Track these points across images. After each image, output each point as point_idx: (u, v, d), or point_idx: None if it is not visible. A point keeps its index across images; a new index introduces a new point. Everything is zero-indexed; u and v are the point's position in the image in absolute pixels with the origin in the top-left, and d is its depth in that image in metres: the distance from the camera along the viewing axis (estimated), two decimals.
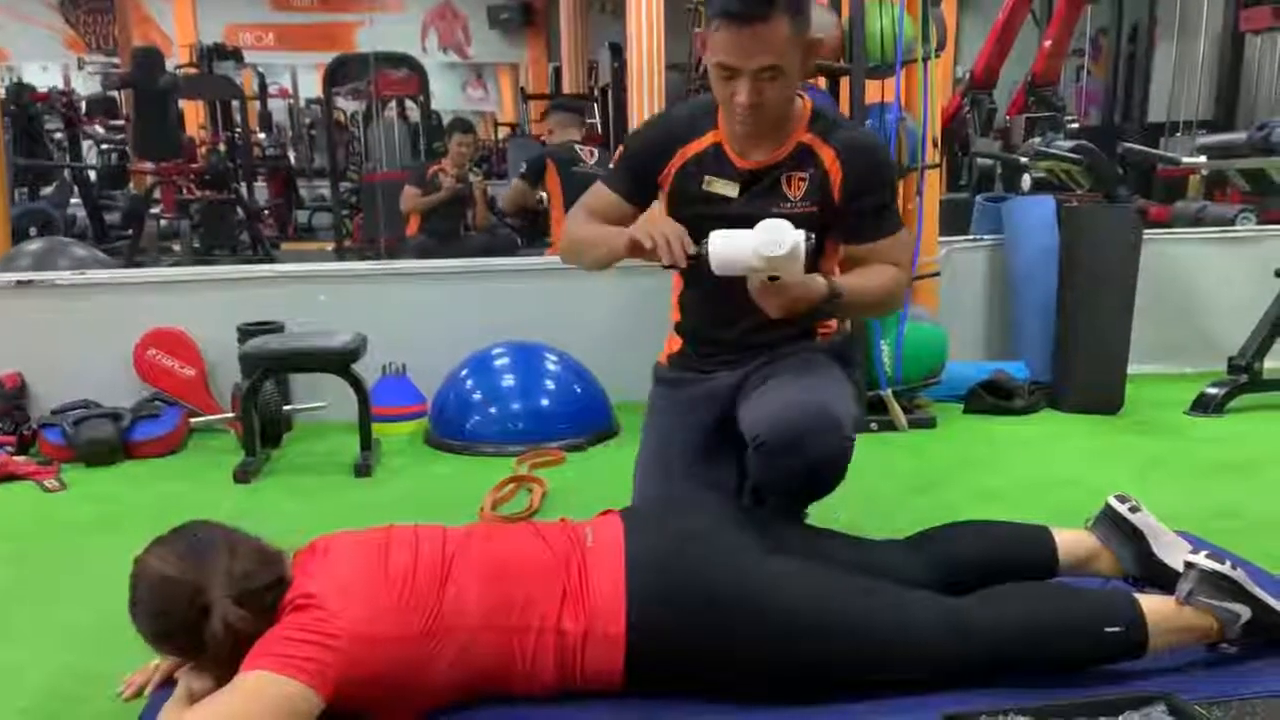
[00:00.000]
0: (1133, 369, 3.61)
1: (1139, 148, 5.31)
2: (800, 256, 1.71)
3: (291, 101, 12.72)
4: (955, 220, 4.64)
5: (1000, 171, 6.41)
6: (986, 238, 4.10)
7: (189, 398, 3.47)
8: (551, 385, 3.42)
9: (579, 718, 1.54)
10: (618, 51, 8.07)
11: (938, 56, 3.43)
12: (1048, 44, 6.86)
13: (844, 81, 3.40)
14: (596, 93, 9.65)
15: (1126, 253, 3.54)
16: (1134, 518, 1.80)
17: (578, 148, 4.86)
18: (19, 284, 3.52)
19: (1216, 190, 6.29)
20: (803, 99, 1.97)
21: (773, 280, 1.74)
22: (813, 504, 2.02)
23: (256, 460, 3.05)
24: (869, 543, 1.85)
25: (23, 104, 7.60)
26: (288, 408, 3.44)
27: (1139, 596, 1.64)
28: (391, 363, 3.55)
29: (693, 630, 1.54)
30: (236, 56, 8.71)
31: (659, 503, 2.02)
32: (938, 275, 3.69)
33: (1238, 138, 5.46)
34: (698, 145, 1.98)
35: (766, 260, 1.70)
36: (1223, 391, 3.52)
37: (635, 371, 2.36)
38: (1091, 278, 3.55)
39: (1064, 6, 6.66)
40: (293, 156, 11.23)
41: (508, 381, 3.41)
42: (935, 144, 3.60)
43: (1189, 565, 1.62)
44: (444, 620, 1.49)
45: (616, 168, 2.10)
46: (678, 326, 2.17)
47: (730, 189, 1.96)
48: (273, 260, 6.60)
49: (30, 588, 2.24)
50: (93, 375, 3.46)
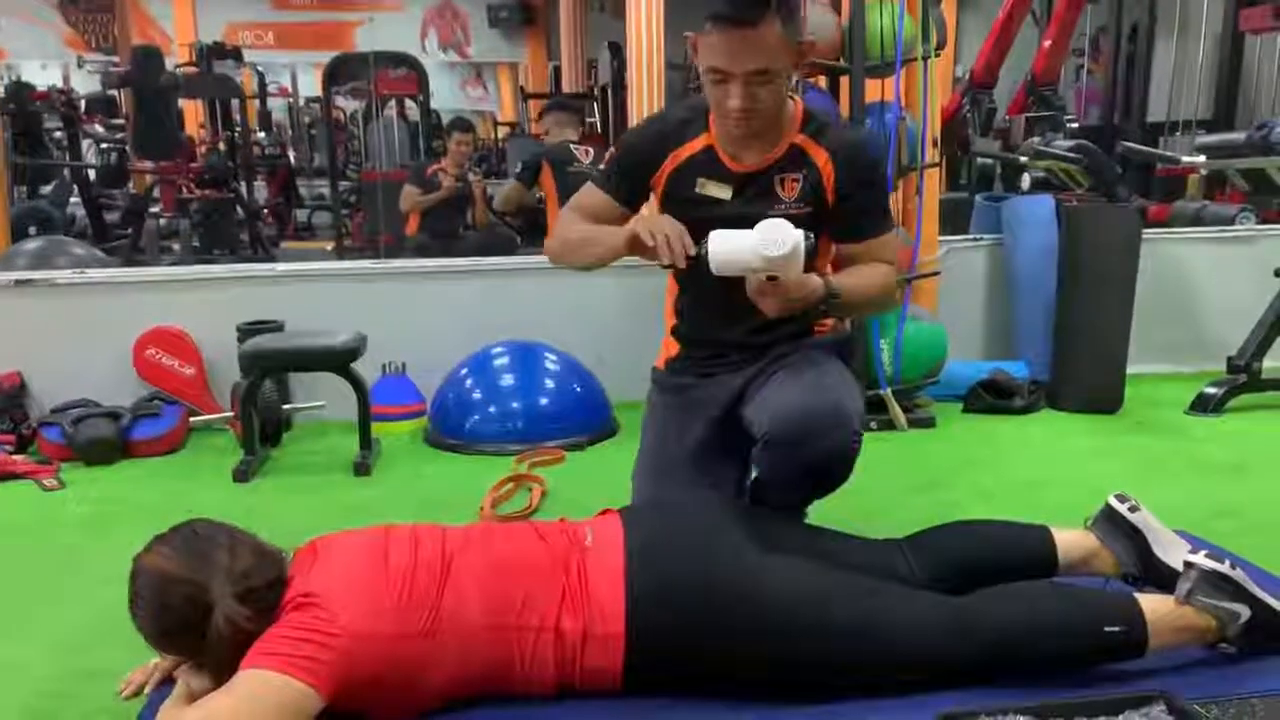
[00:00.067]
0: (1132, 368, 3.61)
1: (1139, 147, 5.32)
2: (800, 256, 1.71)
3: (291, 101, 12.71)
4: (955, 219, 4.65)
5: (1000, 171, 6.42)
6: (986, 237, 4.11)
7: (188, 397, 3.47)
8: (551, 384, 3.43)
9: (578, 718, 1.54)
10: (617, 51, 8.07)
11: (937, 55, 3.43)
12: (1047, 43, 6.86)
13: (844, 81, 3.41)
14: (596, 92, 9.65)
15: (1126, 252, 3.54)
16: (1133, 517, 1.80)
17: (573, 147, 4.87)
18: (18, 283, 3.52)
19: (1216, 190, 6.29)
20: (794, 100, 1.96)
21: (771, 280, 1.74)
22: (812, 504, 2.02)
23: (256, 459, 3.05)
24: (868, 542, 1.85)
25: (22, 102, 7.59)
26: (287, 407, 3.43)
27: (1139, 596, 1.64)
28: (391, 362, 3.55)
29: (692, 630, 1.54)
30: (236, 55, 8.67)
31: (658, 502, 2.01)
32: (937, 274, 3.69)
33: (1237, 137, 5.47)
34: (690, 148, 1.98)
35: (766, 260, 1.70)
36: (1222, 391, 3.52)
37: (635, 371, 2.36)
38: (1091, 277, 3.55)
39: (1064, 6, 6.65)
40: (292, 156, 11.22)
41: (507, 381, 3.41)
42: (935, 143, 3.60)
43: (1188, 565, 1.63)
44: (443, 620, 1.48)
45: (608, 170, 2.09)
46: (674, 331, 2.16)
47: (723, 191, 1.95)
48: (272, 259, 6.60)
49: (29, 586, 2.24)
50: (92, 374, 3.46)
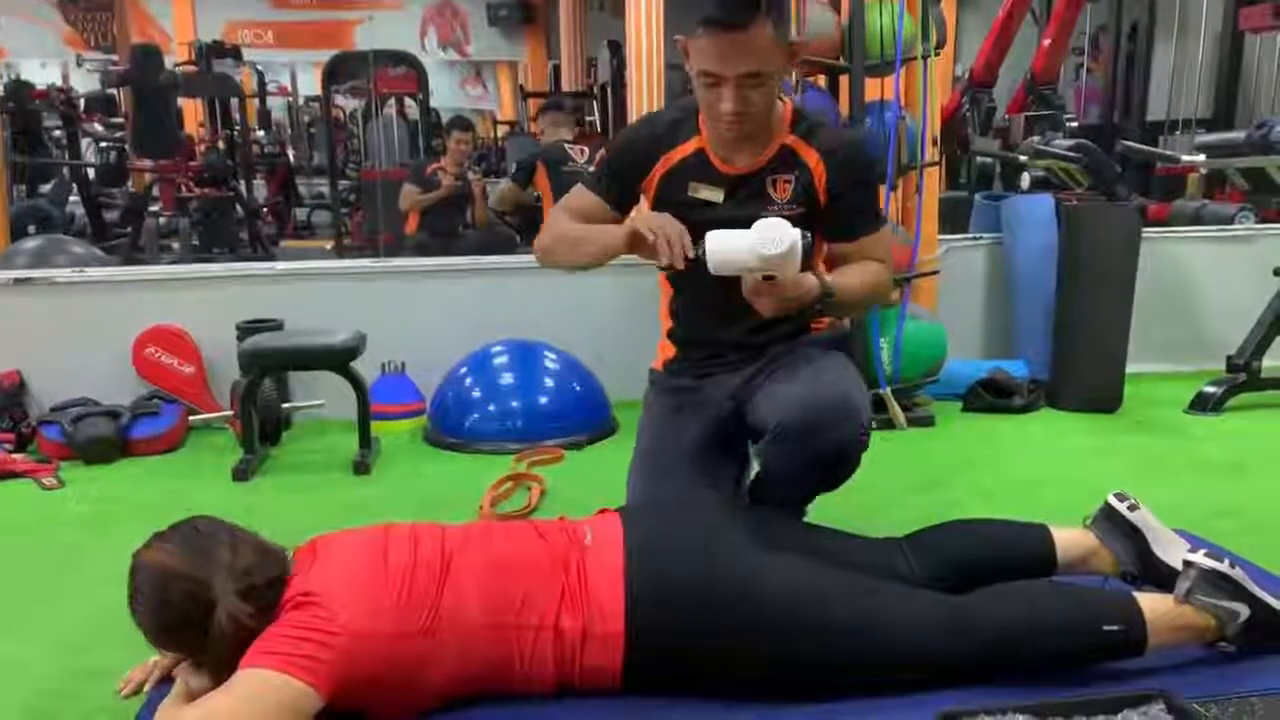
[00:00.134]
0: (1132, 367, 3.61)
1: (1138, 146, 5.33)
2: (798, 255, 1.71)
3: (291, 99, 12.71)
4: (954, 218, 4.65)
5: (999, 170, 6.42)
6: (986, 236, 4.11)
7: (188, 395, 3.47)
8: (550, 383, 3.43)
9: (578, 717, 1.54)
10: (617, 49, 8.08)
11: (937, 54, 3.43)
12: (1047, 42, 6.86)
13: (844, 80, 3.41)
14: (596, 91, 9.65)
15: (1125, 251, 3.54)
16: (1133, 516, 1.80)
17: (568, 147, 4.89)
18: (17, 282, 3.52)
19: (1216, 189, 6.29)
20: (783, 101, 1.96)
21: (768, 280, 1.74)
22: (812, 503, 2.02)
23: (255, 458, 3.05)
24: (868, 541, 1.84)
25: (21, 101, 7.59)
26: (287, 405, 3.43)
27: (1138, 595, 1.64)
28: (390, 361, 3.55)
29: (692, 629, 1.53)
30: (235, 54, 8.67)
31: (658, 502, 2.01)
32: (937, 273, 3.69)
33: (1237, 136, 5.47)
34: (681, 151, 1.97)
35: (764, 259, 1.69)
36: (1221, 390, 3.52)
37: (634, 369, 2.35)
38: (1090, 276, 3.55)
39: (1063, 5, 6.65)
40: (292, 154, 11.21)
41: (506, 380, 3.41)
42: (935, 142, 3.60)
43: (1188, 564, 1.63)
44: (443, 619, 1.48)
45: (599, 172, 2.08)
46: (670, 333, 2.16)
47: (715, 194, 1.95)
48: (272, 258, 6.60)
49: (29, 585, 2.24)
50: (91, 373, 3.46)
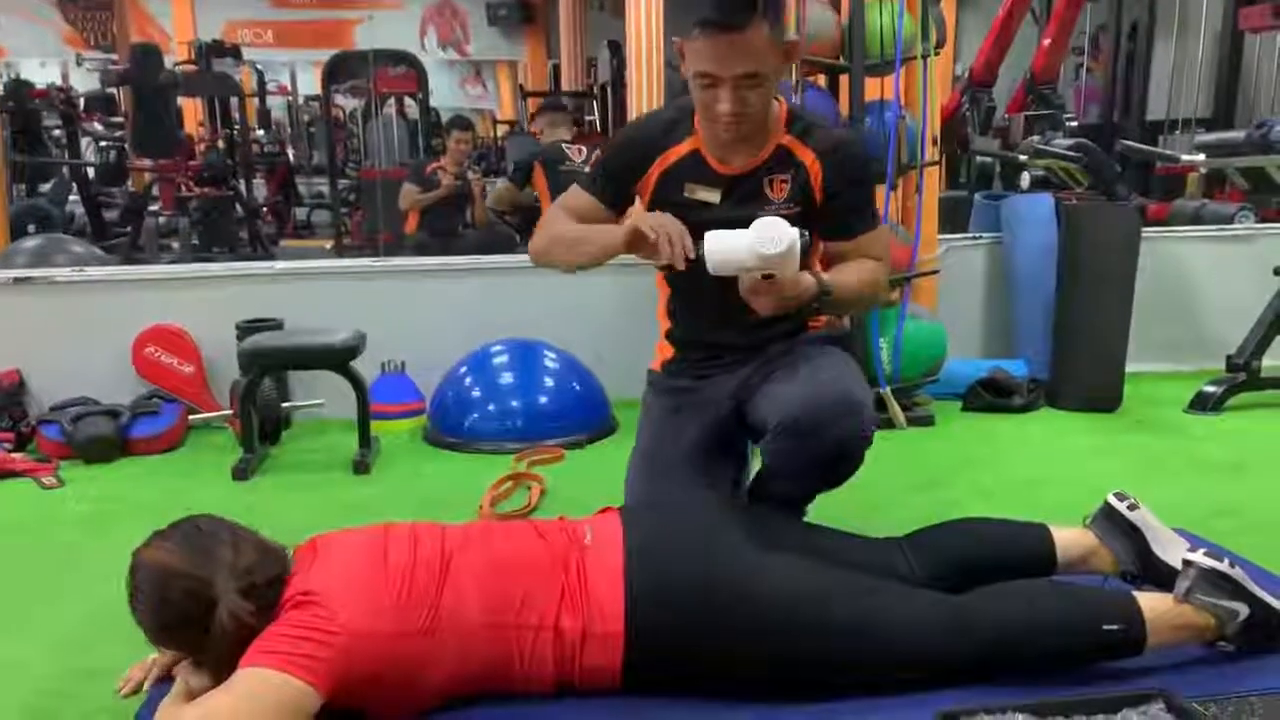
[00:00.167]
0: (1131, 367, 3.61)
1: (1138, 145, 5.32)
2: (796, 254, 1.71)
3: (290, 99, 12.71)
4: (954, 218, 4.66)
5: (999, 169, 6.41)
6: (985, 235, 4.10)
7: (187, 395, 3.47)
8: (550, 383, 3.43)
9: (577, 717, 1.54)
10: (617, 49, 8.08)
11: (937, 54, 3.43)
12: (1047, 42, 6.86)
13: (843, 79, 3.40)
14: (596, 90, 9.65)
15: (1125, 251, 3.54)
16: (1132, 515, 1.80)
17: (565, 147, 4.90)
18: (17, 281, 3.52)
19: (1215, 188, 6.29)
20: (778, 101, 1.95)
21: (766, 279, 1.74)
22: (812, 502, 2.02)
23: (255, 457, 3.05)
24: (867, 541, 1.85)
25: (21, 100, 7.59)
26: (286, 405, 3.43)
27: (1137, 594, 1.64)
28: (390, 360, 3.55)
29: (691, 629, 1.53)
30: (235, 54, 8.67)
31: (658, 501, 2.01)
32: (937, 273, 3.69)
33: (1236, 136, 5.46)
34: (676, 152, 1.97)
35: (763, 258, 1.70)
36: (1221, 390, 3.52)
37: (634, 369, 2.35)
38: (1090, 275, 3.55)
39: (1063, 4, 6.65)
40: (291, 154, 11.22)
41: (506, 379, 3.41)
42: (934, 141, 3.59)
43: (1187, 563, 1.62)
44: (443, 618, 1.48)
45: (594, 173, 2.07)
46: (669, 334, 2.15)
47: (712, 195, 1.94)
48: (271, 257, 6.60)
49: (29, 585, 2.24)
50: (91, 372, 3.46)
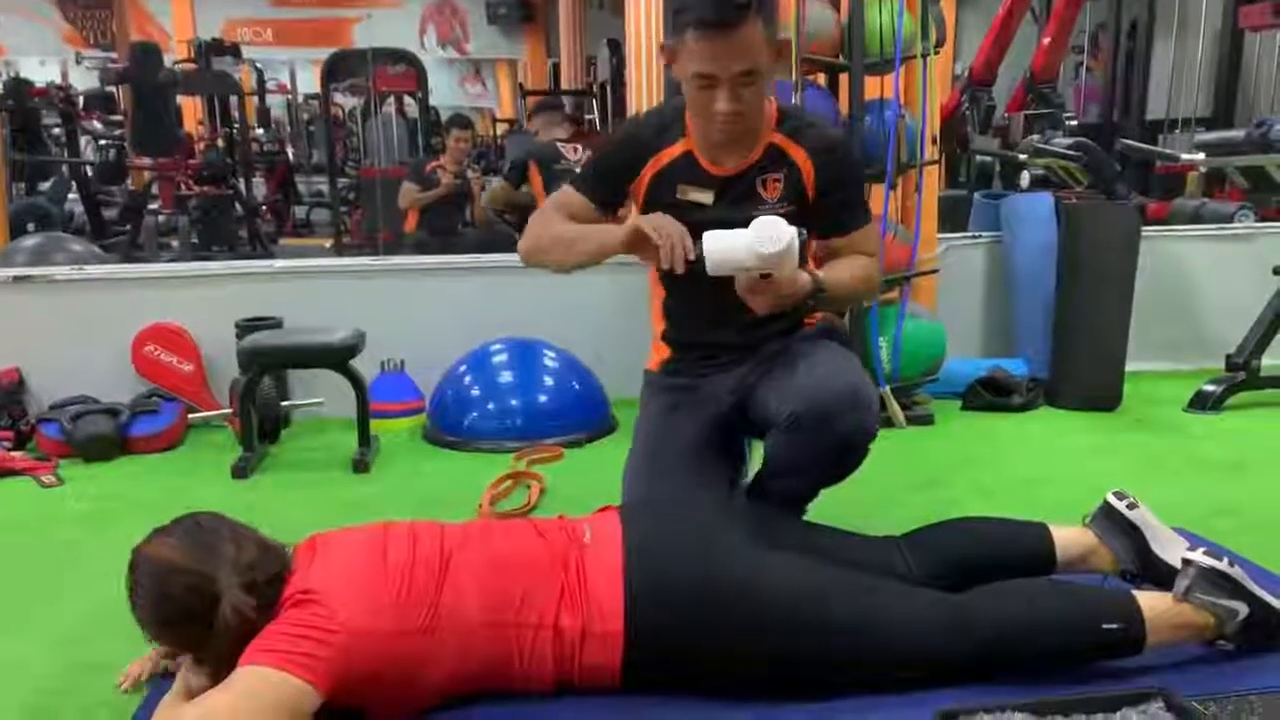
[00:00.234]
0: (1131, 366, 3.61)
1: (1138, 145, 5.32)
2: (795, 253, 1.72)
3: (290, 97, 12.72)
4: (954, 217, 4.66)
5: (999, 168, 6.42)
6: (985, 235, 4.10)
7: (187, 393, 3.47)
8: (550, 381, 3.42)
9: (577, 715, 1.54)
10: (616, 48, 8.09)
11: (937, 53, 3.43)
12: (1047, 40, 6.86)
13: (843, 78, 3.40)
14: (595, 89, 9.66)
15: (1125, 250, 3.54)
16: (1132, 514, 1.80)
17: (561, 146, 4.91)
18: (16, 279, 3.52)
19: (1215, 187, 6.29)
20: (769, 100, 1.95)
21: (764, 278, 1.74)
22: (812, 501, 2.02)
23: (254, 456, 3.05)
24: (866, 539, 1.84)
25: (21, 99, 7.59)
26: (286, 404, 3.43)
27: (1137, 593, 1.64)
28: (390, 359, 3.55)
29: (691, 628, 1.53)
30: (235, 52, 8.69)
31: (657, 500, 2.00)
32: (936, 272, 3.69)
33: (1236, 135, 5.46)
34: (669, 154, 1.97)
35: (762, 257, 1.70)
36: (1221, 389, 3.52)
37: (633, 368, 2.35)
38: (1090, 275, 3.55)
39: (1063, 3, 6.65)
40: (291, 152, 11.23)
41: (506, 378, 3.41)
42: (934, 140, 3.59)
43: (1187, 562, 1.62)
44: (442, 617, 1.48)
45: (586, 174, 2.06)
46: (664, 335, 2.15)
47: (705, 196, 1.95)
48: (271, 256, 6.60)
49: (28, 583, 2.24)
50: (91, 371, 3.46)
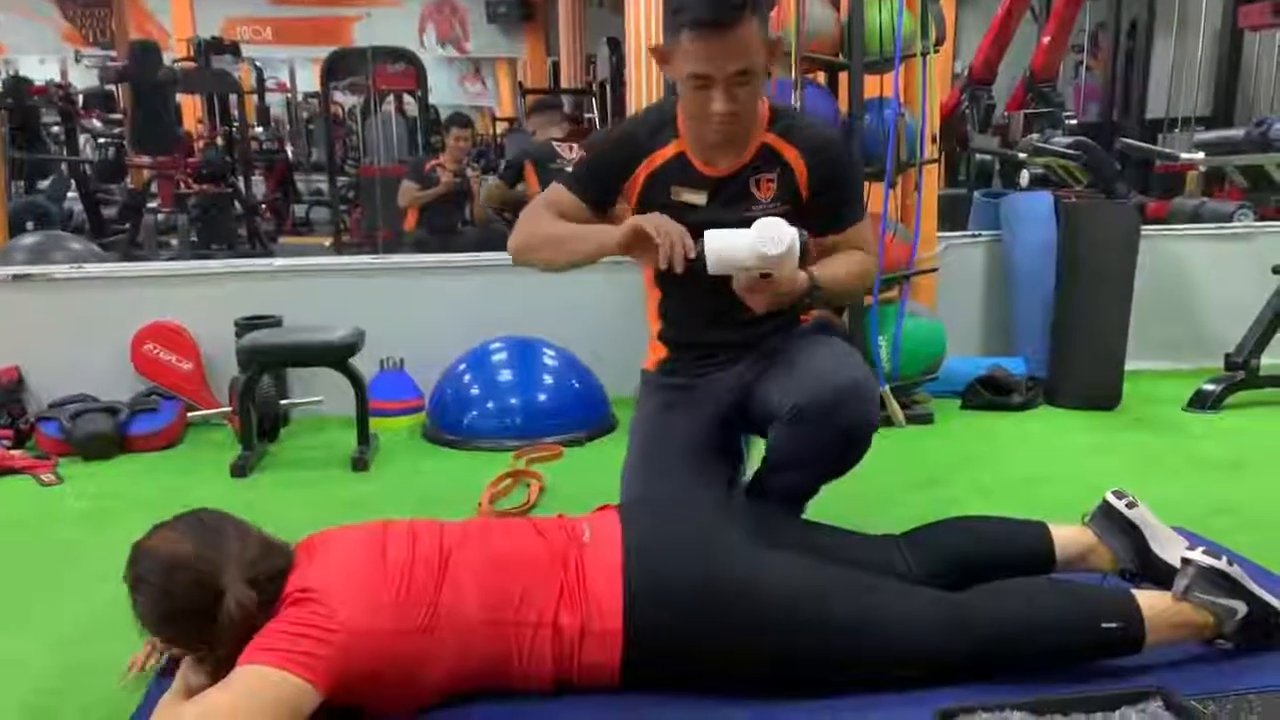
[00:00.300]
0: (1130, 365, 3.61)
1: (1137, 144, 5.31)
2: (796, 254, 1.73)
3: (289, 96, 12.71)
4: (953, 216, 4.66)
5: (998, 167, 6.42)
6: (985, 233, 4.10)
7: (186, 392, 3.47)
8: (549, 380, 3.42)
9: (576, 714, 1.54)
10: (616, 46, 8.09)
11: (936, 52, 3.42)
12: (1046, 39, 6.86)
13: (843, 76, 3.40)
14: (595, 88, 9.66)
15: (1124, 249, 3.54)
16: (1131, 513, 1.80)
17: (556, 145, 4.92)
18: (16, 278, 3.52)
19: (1215, 187, 6.30)
20: (762, 99, 1.94)
21: (763, 277, 1.75)
22: (812, 499, 2.02)
23: (253, 455, 3.05)
24: (866, 538, 1.84)
25: (20, 97, 7.59)
26: (285, 402, 3.43)
27: (1136, 592, 1.64)
28: (389, 357, 3.55)
29: (690, 627, 1.53)
30: (234, 51, 8.68)
31: (657, 499, 2.00)
32: (936, 271, 3.69)
33: (1236, 134, 5.47)
34: (662, 155, 1.96)
35: (763, 259, 1.71)
36: (1220, 388, 3.52)
37: (632, 367, 2.34)
38: (1089, 274, 3.55)
39: (1063, 2, 6.65)
40: (290, 151, 11.22)
41: (505, 376, 3.41)
42: (934, 139, 3.59)
43: (1186, 561, 1.62)
44: (441, 615, 1.48)
45: (578, 173, 2.04)
46: (660, 335, 2.15)
47: (698, 197, 1.94)
48: (270, 254, 6.60)
49: (28, 582, 2.24)
50: (90, 369, 3.46)
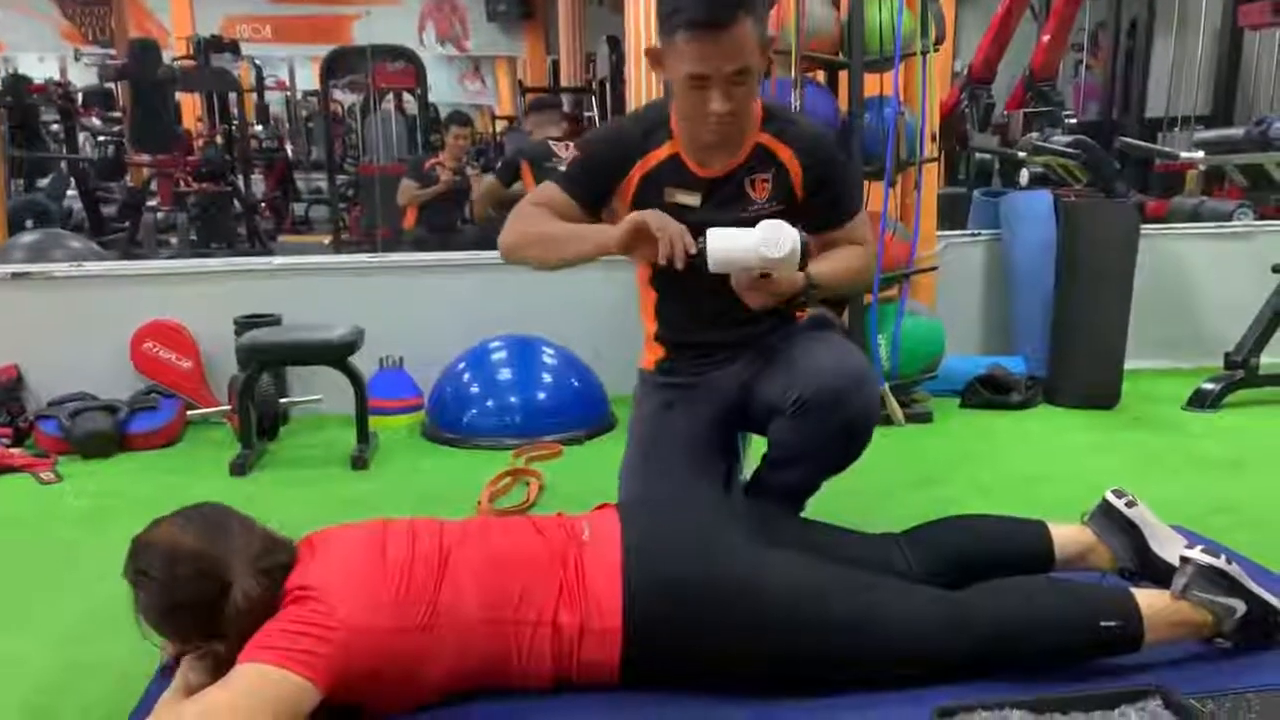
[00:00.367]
0: (1130, 364, 3.61)
1: (1137, 143, 5.32)
2: (797, 257, 1.74)
3: (289, 94, 12.71)
4: (953, 215, 4.66)
5: (998, 166, 6.42)
6: (984, 232, 4.11)
7: (186, 390, 3.47)
8: (548, 379, 3.43)
9: (575, 712, 1.54)
10: (616, 45, 8.09)
11: (936, 50, 3.42)
12: (1046, 38, 6.86)
13: (842, 75, 3.40)
14: (595, 86, 9.66)
15: (1124, 248, 3.54)
16: (1130, 512, 1.80)
17: (552, 144, 4.92)
18: (15, 276, 3.52)
19: (1214, 186, 6.30)
20: (755, 99, 1.94)
21: (763, 277, 1.76)
22: (811, 498, 2.02)
23: (253, 453, 3.05)
24: (865, 537, 1.84)
25: (19, 95, 7.59)
26: (284, 400, 3.43)
27: (1135, 591, 1.64)
28: (389, 355, 3.55)
29: (690, 625, 1.53)
30: (233, 49, 8.67)
31: (656, 498, 2.00)
32: (935, 269, 3.69)
33: (1236, 133, 5.47)
34: (656, 156, 1.96)
35: (765, 260, 1.72)
36: (1219, 387, 3.52)
37: (632, 365, 2.34)
38: (1089, 272, 3.55)
39: (1062, 1, 6.65)
40: (290, 149, 11.22)
41: (505, 375, 3.41)
42: (933, 138, 3.59)
43: (1185, 560, 1.62)
44: (441, 614, 1.48)
45: (572, 174, 2.03)
46: (657, 336, 2.15)
47: (692, 199, 1.94)
48: (269, 253, 6.60)
49: (27, 580, 2.24)
50: (89, 368, 3.46)
